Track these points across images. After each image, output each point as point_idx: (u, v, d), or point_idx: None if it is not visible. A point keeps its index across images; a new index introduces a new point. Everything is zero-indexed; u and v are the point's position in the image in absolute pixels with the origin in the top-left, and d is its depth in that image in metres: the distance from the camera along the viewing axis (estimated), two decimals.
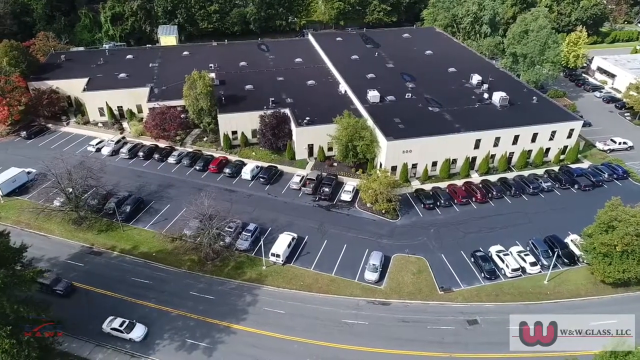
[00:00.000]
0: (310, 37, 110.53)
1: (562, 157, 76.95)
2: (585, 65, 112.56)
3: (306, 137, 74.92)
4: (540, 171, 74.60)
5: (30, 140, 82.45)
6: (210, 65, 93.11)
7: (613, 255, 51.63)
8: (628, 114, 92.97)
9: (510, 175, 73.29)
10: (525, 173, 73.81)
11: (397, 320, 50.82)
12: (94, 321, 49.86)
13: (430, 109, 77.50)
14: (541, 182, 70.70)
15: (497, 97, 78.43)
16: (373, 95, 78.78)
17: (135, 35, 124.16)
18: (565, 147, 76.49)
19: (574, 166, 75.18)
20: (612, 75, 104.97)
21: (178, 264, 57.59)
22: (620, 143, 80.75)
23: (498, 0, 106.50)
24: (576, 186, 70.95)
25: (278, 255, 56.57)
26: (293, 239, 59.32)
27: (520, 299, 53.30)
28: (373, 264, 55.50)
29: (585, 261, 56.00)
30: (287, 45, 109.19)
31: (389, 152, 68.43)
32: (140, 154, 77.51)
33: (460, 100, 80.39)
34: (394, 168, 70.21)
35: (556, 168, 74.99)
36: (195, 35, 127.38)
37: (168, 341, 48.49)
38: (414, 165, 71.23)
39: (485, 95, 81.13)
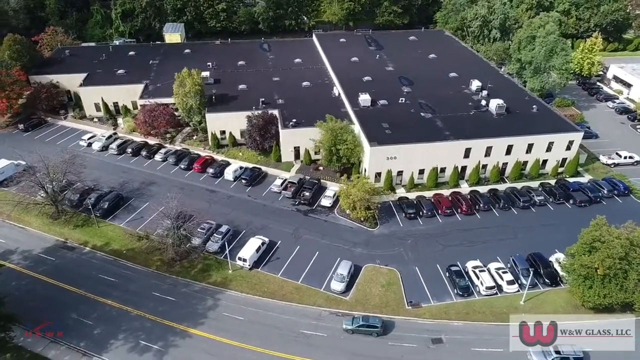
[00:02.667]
0: (314, 38, 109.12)
1: (560, 169, 73.00)
2: (601, 73, 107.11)
3: (292, 140, 73.51)
4: (535, 184, 70.94)
5: (28, 133, 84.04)
6: (208, 63, 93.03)
7: (594, 278, 48.20)
8: None
9: (502, 187, 70.00)
10: (519, 185, 70.33)
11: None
12: (52, 318, 49.87)
13: (422, 114, 74.88)
14: (533, 196, 67.13)
15: (494, 104, 75.09)
16: (364, 98, 76.75)
17: (144, 32, 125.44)
18: (565, 159, 72.51)
19: (572, 180, 71.24)
20: (629, 85, 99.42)
21: (147, 263, 57.12)
22: (626, 157, 76.03)
23: (509, 4, 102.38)
24: (571, 201, 67.09)
25: (245, 260, 55.40)
26: (263, 243, 58.03)
27: (492, 319, 50.40)
28: (340, 274, 53.63)
29: (567, 282, 52.59)
30: (289, 46, 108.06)
31: (373, 158, 66.37)
32: (129, 150, 77.84)
33: (455, 106, 77.41)
34: (378, 174, 68.10)
35: (553, 181, 71.22)
36: (203, 34, 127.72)
37: (122, 342, 47.93)
38: (400, 173, 68.82)
39: (483, 102, 77.84)
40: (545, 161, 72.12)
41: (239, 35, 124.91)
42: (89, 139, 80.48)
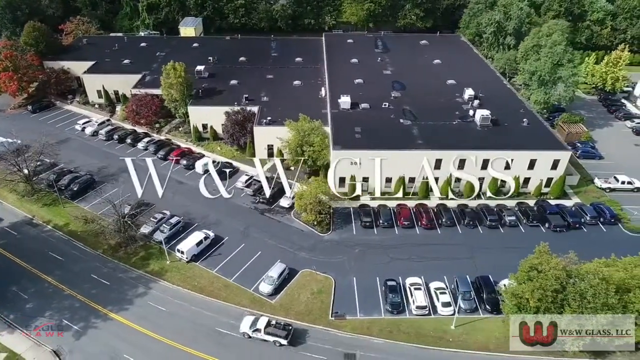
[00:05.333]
0: (323, 38, 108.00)
1: (546, 190, 67.59)
2: (629, 89, 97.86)
3: (265, 137, 73.20)
4: (513, 202, 66.17)
5: (34, 115, 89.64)
6: (209, 58, 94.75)
7: (527, 309, 44.12)
8: None
9: (474, 203, 65.88)
10: (495, 203, 65.89)
11: None
12: None
13: (401, 121, 71.93)
14: (504, 215, 62.64)
15: (479, 115, 70.79)
16: (344, 101, 74.98)
17: (167, 25, 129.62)
18: (551, 179, 67.05)
19: (554, 202, 65.75)
20: None
21: (96, 246, 59.06)
22: (624, 182, 69.00)
23: (527, 9, 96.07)
24: (547, 225, 61.89)
25: (182, 252, 55.87)
26: (206, 237, 58.19)
27: (415, 340, 47.54)
28: (270, 276, 52.73)
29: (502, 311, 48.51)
30: (296, 44, 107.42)
31: (336, 162, 64.60)
32: (115, 137, 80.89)
33: (441, 115, 73.64)
34: (342, 179, 66.27)
35: (533, 201, 66.11)
36: (225, 29, 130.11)
37: (47, 319, 49.82)
38: (365, 179, 66.58)
39: (470, 112, 73.62)
40: (527, 179, 67.09)
41: (258, 32, 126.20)
42: (83, 123, 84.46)
